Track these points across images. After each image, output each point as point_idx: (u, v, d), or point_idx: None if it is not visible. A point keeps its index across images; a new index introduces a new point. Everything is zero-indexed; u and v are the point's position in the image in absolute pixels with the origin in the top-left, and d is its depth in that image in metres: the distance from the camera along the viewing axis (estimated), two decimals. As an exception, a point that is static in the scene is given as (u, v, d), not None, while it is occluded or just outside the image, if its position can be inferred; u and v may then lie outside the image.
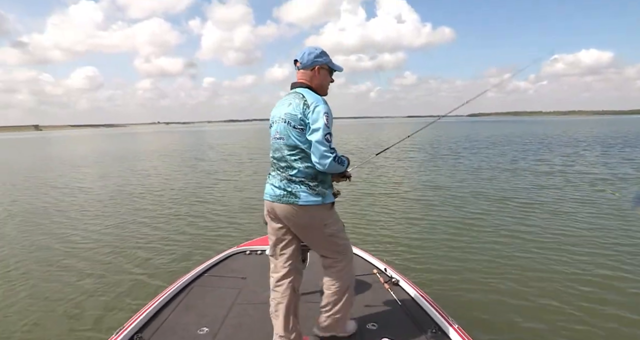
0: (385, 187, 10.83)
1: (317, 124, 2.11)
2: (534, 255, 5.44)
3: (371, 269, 3.45)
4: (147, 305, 2.85)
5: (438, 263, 5.25)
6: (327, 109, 2.15)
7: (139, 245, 6.43)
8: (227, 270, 3.63)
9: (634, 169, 13.17)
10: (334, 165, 2.14)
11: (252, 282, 3.34)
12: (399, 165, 15.94)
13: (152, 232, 7.16)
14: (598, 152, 19.57)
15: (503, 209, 7.98)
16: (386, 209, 8.43)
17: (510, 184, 10.83)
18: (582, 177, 11.68)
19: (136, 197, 10.62)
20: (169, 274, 5.06)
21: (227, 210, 8.80)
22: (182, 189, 11.89)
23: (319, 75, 2.30)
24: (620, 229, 6.53)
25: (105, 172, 16.99)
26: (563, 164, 14.83)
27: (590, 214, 7.48)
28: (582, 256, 5.34)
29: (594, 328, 3.61)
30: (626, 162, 15.22)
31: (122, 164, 20.51)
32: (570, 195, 9.28)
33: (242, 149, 28.34)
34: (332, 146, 2.14)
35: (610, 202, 8.38)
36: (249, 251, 4.07)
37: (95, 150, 33.68)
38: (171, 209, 9.05)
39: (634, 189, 9.92)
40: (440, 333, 2.46)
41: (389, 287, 3.08)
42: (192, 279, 3.39)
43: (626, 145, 23.30)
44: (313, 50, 2.30)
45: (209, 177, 14.26)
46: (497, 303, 4.11)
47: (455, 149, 23.25)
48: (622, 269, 4.92)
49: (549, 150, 21.25)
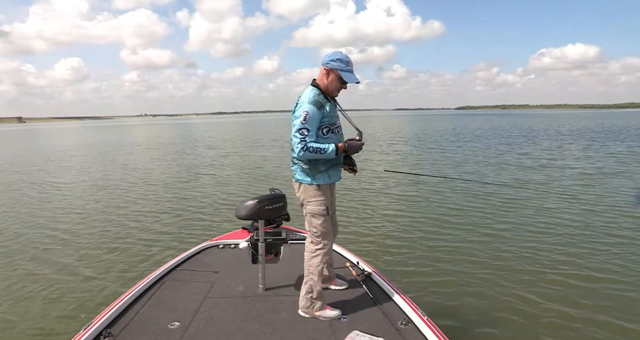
0: (367, 181, 10.68)
1: (296, 120, 2.53)
2: (504, 249, 5.50)
3: (344, 262, 3.47)
4: (116, 300, 2.79)
5: (409, 257, 5.31)
6: (310, 109, 2.51)
7: (111, 240, 6.30)
8: (200, 264, 3.59)
9: (618, 164, 13.20)
10: (307, 154, 2.52)
11: (225, 276, 3.31)
12: (381, 159, 15.82)
13: (125, 227, 7.00)
14: (582, 146, 19.69)
15: (480, 205, 7.92)
16: (363, 203, 8.33)
17: (491, 179, 10.77)
18: (565, 172, 11.68)
19: (112, 192, 10.37)
20: (140, 268, 5.00)
21: (203, 204, 8.63)
22: (159, 183, 11.65)
23: (327, 77, 2.60)
24: (598, 225, 6.50)
25: (83, 166, 16.63)
26: (548, 158, 14.86)
27: (567, 211, 7.45)
28: (552, 252, 5.36)
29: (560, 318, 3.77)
30: (608, 156, 15.29)
31: (103, 157, 20.14)
32: (551, 190, 9.25)
33: (226, 143, 28.04)
34: (305, 139, 2.50)
35: (592, 198, 8.35)
36: (222, 245, 4.03)
37: (77, 143, 33.09)
38: (147, 204, 8.86)
39: (613, 182, 9.91)
40: (410, 325, 2.49)
41: (360, 280, 3.11)
42: (163, 273, 3.33)
43: (609, 139, 23.52)
44: (333, 54, 2.59)
45: (189, 170, 14.04)
46: (465, 295, 4.23)
47: (441, 143, 23.22)
48: (594, 263, 4.91)
49: (534, 143, 21.37)
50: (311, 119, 2.51)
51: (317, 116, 2.53)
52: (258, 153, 19.65)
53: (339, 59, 2.56)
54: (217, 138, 33.69)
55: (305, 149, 2.51)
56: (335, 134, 2.67)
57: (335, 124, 2.67)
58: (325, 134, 2.61)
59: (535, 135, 27.24)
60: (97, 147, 27.19)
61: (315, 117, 2.52)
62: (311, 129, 2.52)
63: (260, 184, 10.98)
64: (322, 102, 2.57)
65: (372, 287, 3.03)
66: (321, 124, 2.58)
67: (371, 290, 2.96)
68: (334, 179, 2.73)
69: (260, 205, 2.91)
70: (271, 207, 2.97)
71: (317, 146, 2.52)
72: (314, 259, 2.72)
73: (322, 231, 2.70)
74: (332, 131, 2.64)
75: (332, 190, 2.83)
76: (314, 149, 2.52)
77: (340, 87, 2.64)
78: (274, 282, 3.14)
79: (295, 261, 3.44)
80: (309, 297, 2.67)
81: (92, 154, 22.03)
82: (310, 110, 2.51)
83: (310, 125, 2.51)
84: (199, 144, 27.59)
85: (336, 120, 2.70)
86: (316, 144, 2.53)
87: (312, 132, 2.53)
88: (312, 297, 2.67)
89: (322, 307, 2.68)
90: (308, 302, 2.67)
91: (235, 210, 2.99)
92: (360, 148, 2.65)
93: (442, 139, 25.71)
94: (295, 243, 3.91)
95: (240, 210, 2.93)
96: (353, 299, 2.89)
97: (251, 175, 12.60)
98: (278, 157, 17.32)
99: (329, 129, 2.62)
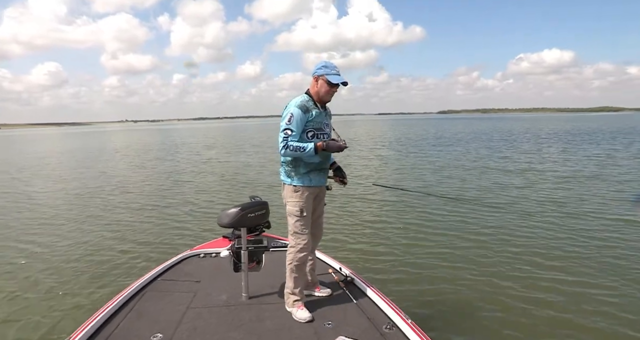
0: (348, 189, 10.62)
1: (282, 121, 2.74)
2: (484, 253, 5.55)
3: (326, 268, 3.48)
4: (95, 313, 2.72)
5: (390, 262, 5.34)
6: (295, 111, 2.71)
7: (88, 251, 6.10)
8: (181, 274, 3.55)
9: (596, 167, 13.48)
10: (287, 152, 2.72)
11: (207, 286, 3.28)
12: (362, 164, 15.83)
13: (102, 238, 6.78)
14: (560, 148, 20.10)
15: (461, 211, 7.94)
16: (342, 209, 8.30)
17: (473, 184, 10.90)
18: (545, 175, 11.87)
19: (88, 201, 10.09)
20: (119, 280, 4.88)
21: (183, 213, 8.47)
22: (138, 191, 11.41)
23: (317, 84, 2.80)
24: (577, 228, 6.59)
25: (59, 174, 16.21)
26: (527, 162, 15.12)
27: (547, 214, 7.54)
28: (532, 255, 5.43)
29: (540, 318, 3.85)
30: (586, 158, 15.63)
31: (80, 164, 19.69)
32: (530, 194, 9.38)
33: (207, 149, 27.71)
34: (287, 138, 2.71)
35: (571, 202, 8.48)
36: (203, 254, 3.99)
37: (54, 150, 32.33)
38: (124, 213, 8.64)
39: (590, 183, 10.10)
40: (394, 329, 2.51)
41: (343, 286, 3.14)
42: (144, 284, 3.26)
43: (585, 141, 24.08)
44: (319, 63, 2.82)
45: (169, 178, 13.78)
46: (447, 298, 4.30)
47: (423, 147, 23.45)
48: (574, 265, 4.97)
49: (513, 146, 21.71)
50: (295, 120, 2.70)
51: (301, 119, 2.71)
52: (239, 159, 19.48)
53: (324, 66, 2.79)
54: (198, 144, 33.34)
55: (286, 147, 2.71)
56: (320, 140, 2.80)
57: (321, 130, 2.83)
58: (310, 137, 2.78)
59: (515, 139, 27.74)
60: (75, 154, 26.62)
61: (299, 120, 2.71)
62: (294, 130, 2.70)
63: (241, 191, 10.85)
64: (308, 107, 2.75)
65: (355, 292, 3.05)
66: (306, 127, 2.75)
67: (354, 295, 2.99)
68: (316, 182, 2.86)
69: (243, 213, 2.93)
70: (254, 215, 3.00)
71: (297, 145, 2.70)
72: (288, 256, 2.91)
73: (295, 231, 2.87)
74: (317, 136, 2.80)
75: (319, 195, 2.96)
76: (294, 147, 2.70)
77: (330, 90, 2.80)
78: (257, 290, 3.14)
79: (278, 269, 3.47)
80: (286, 292, 2.88)
81: (69, 161, 21.54)
82: (295, 113, 2.71)
83: (294, 127, 2.70)
84: (179, 150, 27.24)
85: (323, 127, 2.85)
86: (296, 143, 2.71)
87: (296, 133, 2.71)
88: (287, 291, 2.88)
89: (293, 305, 2.78)
90: (286, 296, 2.88)
91: (217, 218, 3.01)
92: (340, 148, 2.76)
93: (424, 143, 25.98)
94: (277, 250, 3.91)
95: (222, 218, 2.95)
96: (337, 304, 2.90)
97: (231, 183, 12.44)
98: (259, 164, 17.18)
99: (314, 134, 2.79)
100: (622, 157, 15.67)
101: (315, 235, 3.07)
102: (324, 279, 3.29)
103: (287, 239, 4.15)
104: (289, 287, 2.87)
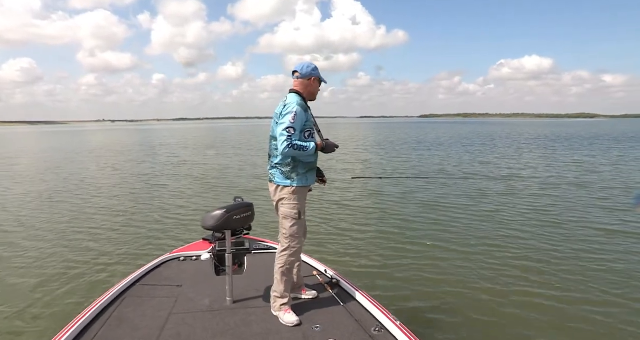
0: (331, 190, 10.65)
1: (284, 119, 2.72)
2: (469, 255, 5.64)
3: (311, 270, 3.47)
4: (74, 320, 2.65)
5: (375, 263, 5.38)
6: (298, 111, 2.73)
7: (64, 256, 5.90)
8: (161, 278, 3.46)
9: (577, 172, 13.75)
10: (291, 151, 2.69)
11: (189, 290, 3.21)
12: (342, 167, 15.80)
13: (77, 242, 6.55)
14: (540, 154, 20.49)
15: (445, 212, 8.03)
16: (327, 212, 8.28)
17: (451, 189, 10.97)
18: (526, 182, 12.07)
19: (61, 204, 9.76)
20: (97, 286, 4.74)
21: (161, 215, 8.31)
22: (114, 193, 11.14)
23: (313, 85, 2.92)
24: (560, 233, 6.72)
25: (29, 175, 15.75)
26: (508, 167, 15.35)
27: (530, 220, 7.68)
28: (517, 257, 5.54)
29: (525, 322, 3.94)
30: (566, 165, 15.93)
31: (53, 165, 19.11)
32: (511, 201, 9.55)
33: (186, 150, 27.35)
34: (291, 137, 2.69)
35: (553, 208, 8.61)
36: (184, 257, 3.91)
37: (26, 150, 31.31)
38: (100, 216, 8.40)
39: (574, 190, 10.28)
40: (383, 331, 2.51)
41: (330, 288, 3.13)
42: (123, 289, 3.18)
43: (565, 146, 24.58)
44: (310, 65, 2.91)
45: (146, 180, 13.47)
46: (435, 299, 4.37)
47: (405, 151, 23.63)
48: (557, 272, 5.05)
49: (493, 152, 22.01)
50: (298, 119, 2.74)
51: (303, 118, 2.77)
52: (219, 161, 19.26)
53: (316, 68, 2.92)
54: (177, 145, 32.82)
55: (291, 146, 2.69)
56: (314, 140, 2.91)
57: (313, 130, 2.92)
58: (307, 137, 2.84)
59: (496, 144, 28.22)
60: (48, 154, 25.85)
61: (301, 118, 2.76)
62: (297, 128, 2.73)
63: (221, 193, 10.71)
64: (306, 107, 2.84)
65: (342, 294, 3.05)
66: (304, 127, 2.81)
67: (341, 297, 2.98)
68: (311, 181, 2.93)
69: (229, 215, 2.87)
70: (239, 217, 2.95)
71: (301, 144, 2.73)
72: (280, 259, 2.88)
73: (291, 234, 2.85)
74: (312, 136, 2.89)
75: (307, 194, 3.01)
76: (298, 146, 2.72)
77: (319, 90, 2.98)
78: (242, 294, 3.10)
79: (261, 272, 3.47)
80: (273, 296, 2.85)
81: (40, 162, 20.89)
82: (298, 111, 2.74)
83: (296, 125, 2.73)
84: (158, 151, 26.74)
85: (313, 127, 2.93)
86: (300, 142, 2.74)
87: (297, 132, 2.74)
88: (275, 295, 2.84)
89: (280, 309, 2.77)
90: (272, 300, 2.85)
91: (201, 221, 2.94)
92: (335, 147, 2.90)
93: (407, 147, 26.16)
94: (259, 253, 3.90)
95: (207, 221, 2.89)
96: (324, 307, 2.89)
97: (210, 184, 12.29)
98: (238, 166, 16.99)
99: (310, 133, 2.87)
100: (602, 164, 16.01)
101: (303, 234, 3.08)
102: (309, 281, 3.26)
103: (268, 241, 4.19)
104: (279, 290, 2.84)
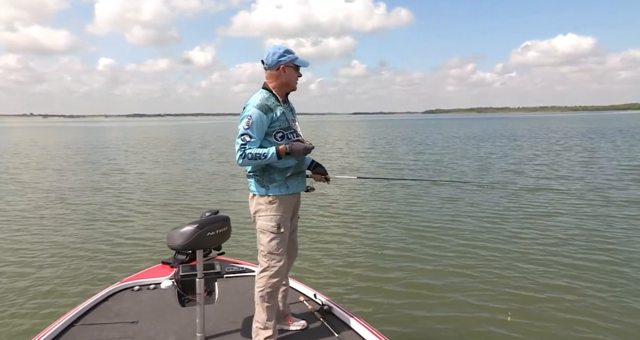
0: (311, 201, 10.58)
1: (239, 126, 2.80)
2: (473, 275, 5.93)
3: (297, 296, 3.50)
4: None
5: (369, 287, 5.58)
6: (254, 113, 2.75)
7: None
8: (111, 314, 3.36)
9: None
10: (245, 161, 2.76)
11: (148, 327, 3.13)
12: (329, 169, 15.79)
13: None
14: (580, 158, 20.69)
15: (441, 230, 8.12)
16: (315, 229, 8.37)
17: (440, 201, 11.09)
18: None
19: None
20: (24, 327, 4.63)
21: (107, 235, 8.18)
22: (43, 209, 10.83)
23: (285, 74, 2.88)
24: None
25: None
26: (534, 172, 15.47)
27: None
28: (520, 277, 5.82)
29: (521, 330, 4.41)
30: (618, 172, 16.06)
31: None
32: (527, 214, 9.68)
33: (140, 155, 26.70)
34: (245, 146, 2.74)
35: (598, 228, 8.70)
36: (139, 286, 3.84)
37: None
38: (24, 237, 8.16)
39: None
40: None
41: (320, 316, 3.16)
42: (59, 330, 3.03)
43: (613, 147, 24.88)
44: (277, 50, 2.86)
45: (85, 192, 13.09)
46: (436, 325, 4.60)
47: (398, 155, 23.85)
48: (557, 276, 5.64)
49: (520, 155, 22.23)
50: (255, 124, 2.75)
51: (262, 121, 2.76)
52: (183, 167, 19.22)
53: (286, 51, 2.87)
54: (130, 149, 32.22)
55: (244, 156, 2.74)
56: (291, 140, 2.87)
57: (289, 128, 2.89)
58: (279, 139, 2.83)
59: (522, 145, 28.45)
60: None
61: (260, 123, 2.75)
62: (254, 135, 2.75)
63: (184, 209, 10.54)
64: (270, 106, 2.80)
65: (335, 323, 3.09)
66: (272, 129, 2.80)
67: (334, 327, 3.00)
68: (294, 189, 2.91)
69: (201, 231, 2.81)
70: (214, 233, 2.89)
71: (256, 152, 2.74)
72: (259, 281, 2.88)
73: (269, 251, 2.84)
74: (287, 136, 2.87)
75: (296, 204, 3.02)
76: (252, 155, 2.74)
77: (297, 76, 2.95)
78: (214, 327, 3.07)
79: (236, 300, 3.47)
80: (255, 327, 2.88)
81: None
82: (254, 115, 2.75)
83: (254, 131, 2.75)
84: (102, 155, 26.11)
85: (291, 124, 2.92)
86: (255, 150, 2.75)
87: (256, 139, 2.76)
88: (257, 326, 2.86)
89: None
90: (254, 333, 2.87)
91: (167, 239, 2.89)
92: (306, 150, 2.82)
93: (411, 151, 26.28)
94: (233, 277, 3.90)
95: (174, 239, 2.82)
96: (315, 338, 2.93)
97: (171, 196, 12.20)
98: (208, 174, 16.86)
99: (283, 135, 2.85)
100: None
101: (290, 254, 3.04)
102: (295, 309, 3.28)
103: (243, 263, 4.12)
104: (260, 320, 2.84)
